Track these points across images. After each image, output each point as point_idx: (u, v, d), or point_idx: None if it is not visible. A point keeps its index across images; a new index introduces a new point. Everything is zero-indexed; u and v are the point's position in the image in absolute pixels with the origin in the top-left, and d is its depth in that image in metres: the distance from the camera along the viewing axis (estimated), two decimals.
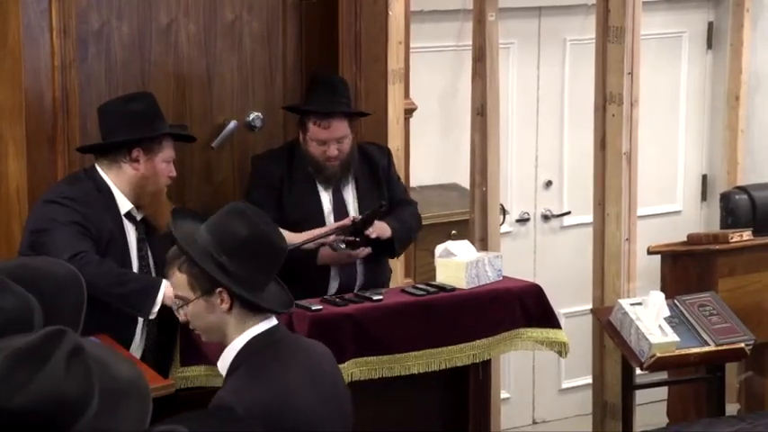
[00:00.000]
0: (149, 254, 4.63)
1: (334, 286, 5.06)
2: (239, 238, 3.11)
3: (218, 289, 3.12)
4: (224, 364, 3.14)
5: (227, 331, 3.14)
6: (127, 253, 4.55)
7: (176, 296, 3.23)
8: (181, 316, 3.23)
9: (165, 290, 4.33)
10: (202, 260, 3.11)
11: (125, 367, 1.95)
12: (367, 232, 4.94)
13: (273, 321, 3.17)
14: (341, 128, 4.98)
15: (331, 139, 4.96)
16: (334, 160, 4.99)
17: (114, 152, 4.57)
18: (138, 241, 4.61)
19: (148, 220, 4.62)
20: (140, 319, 4.58)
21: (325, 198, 5.07)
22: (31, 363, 1.75)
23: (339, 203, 5.08)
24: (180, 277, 3.16)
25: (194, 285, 3.14)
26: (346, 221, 4.96)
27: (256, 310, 3.14)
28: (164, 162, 4.60)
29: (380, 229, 5.01)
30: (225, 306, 3.11)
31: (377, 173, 5.15)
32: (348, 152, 5.01)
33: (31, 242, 4.45)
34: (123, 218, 4.57)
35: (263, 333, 3.14)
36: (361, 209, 5.07)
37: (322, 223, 5.00)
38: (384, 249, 5.11)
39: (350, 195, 5.11)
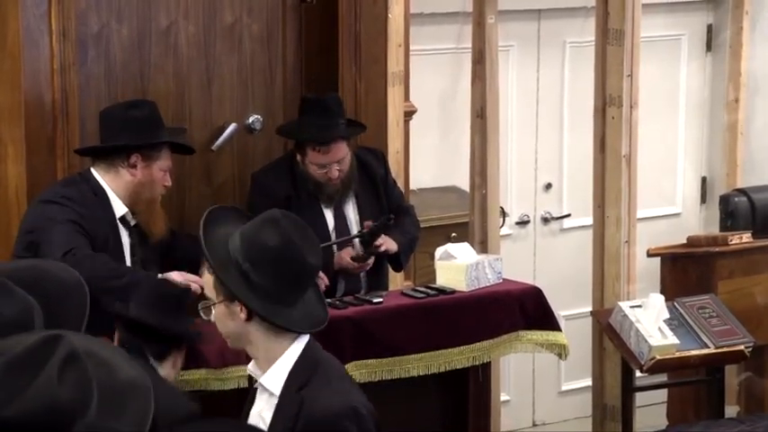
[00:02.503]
0: (142, 259, 4.63)
1: (339, 291, 5.06)
2: (266, 248, 3.02)
3: None
4: (276, 380, 3.04)
5: (250, 340, 3.06)
6: (121, 256, 4.55)
7: (205, 296, 3.17)
8: (209, 317, 3.16)
9: None
10: (222, 267, 3.03)
11: (128, 367, 1.94)
12: (376, 243, 4.94)
13: (306, 336, 3.09)
14: (340, 150, 4.95)
15: (331, 162, 4.94)
16: (336, 180, 4.98)
17: (113, 156, 4.57)
18: (132, 246, 4.61)
19: (141, 227, 4.62)
20: None
21: (329, 215, 5.06)
22: (25, 371, 1.75)
23: (341, 220, 5.07)
24: (208, 278, 3.10)
25: (218, 289, 3.07)
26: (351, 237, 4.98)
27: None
28: (161, 170, 4.60)
29: (388, 243, 5.01)
30: (243, 316, 3.04)
31: (375, 183, 5.14)
32: (348, 170, 5.00)
33: (28, 242, 4.44)
34: (118, 222, 4.57)
35: (306, 346, 3.06)
36: (362, 224, 5.07)
37: (327, 240, 4.99)
38: (390, 263, 5.13)
39: (351, 211, 5.10)
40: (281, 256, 3.02)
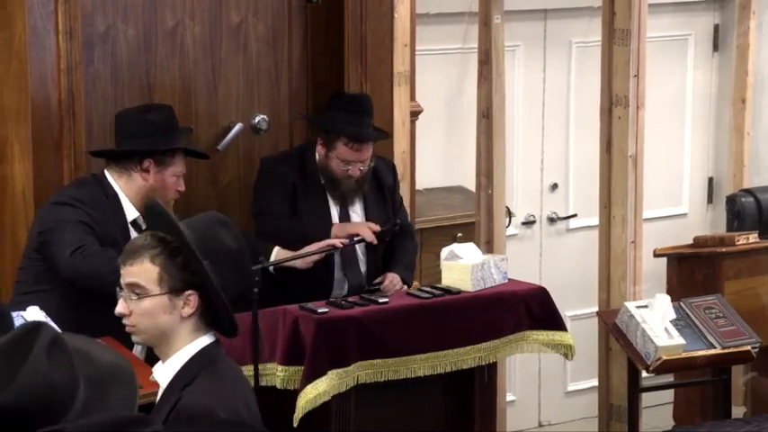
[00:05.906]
0: None
1: (342, 289, 5.06)
2: (226, 248, 3.00)
3: (189, 292, 2.97)
4: (168, 372, 2.99)
5: (172, 337, 2.99)
6: None
7: (132, 285, 2.98)
8: (122, 307, 3.00)
9: None
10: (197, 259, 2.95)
11: (105, 353, 1.95)
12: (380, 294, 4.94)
13: (213, 336, 3.05)
14: (369, 150, 5.03)
15: (359, 160, 4.99)
16: (353, 180, 5.00)
17: (126, 160, 4.58)
18: None
19: None
20: None
21: (334, 212, 5.08)
22: (12, 358, 1.76)
23: (345, 220, 5.09)
24: (149, 268, 2.96)
25: (163, 280, 2.96)
26: (333, 242, 4.92)
27: (211, 323, 3.02)
28: (173, 176, 4.61)
29: (394, 283, 5.04)
30: (188, 310, 2.97)
31: (383, 191, 5.18)
32: (366, 171, 5.06)
33: (39, 243, 4.46)
34: (129, 225, 4.58)
35: (211, 344, 3.02)
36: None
37: (327, 237, 4.99)
38: None
39: (357, 213, 5.12)
40: (238, 259, 3.04)
